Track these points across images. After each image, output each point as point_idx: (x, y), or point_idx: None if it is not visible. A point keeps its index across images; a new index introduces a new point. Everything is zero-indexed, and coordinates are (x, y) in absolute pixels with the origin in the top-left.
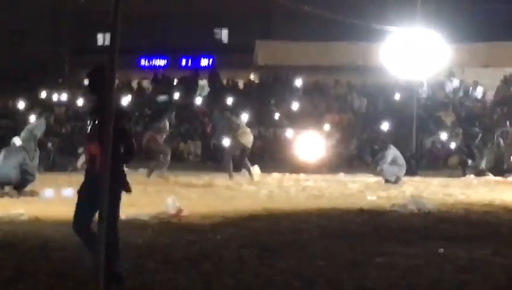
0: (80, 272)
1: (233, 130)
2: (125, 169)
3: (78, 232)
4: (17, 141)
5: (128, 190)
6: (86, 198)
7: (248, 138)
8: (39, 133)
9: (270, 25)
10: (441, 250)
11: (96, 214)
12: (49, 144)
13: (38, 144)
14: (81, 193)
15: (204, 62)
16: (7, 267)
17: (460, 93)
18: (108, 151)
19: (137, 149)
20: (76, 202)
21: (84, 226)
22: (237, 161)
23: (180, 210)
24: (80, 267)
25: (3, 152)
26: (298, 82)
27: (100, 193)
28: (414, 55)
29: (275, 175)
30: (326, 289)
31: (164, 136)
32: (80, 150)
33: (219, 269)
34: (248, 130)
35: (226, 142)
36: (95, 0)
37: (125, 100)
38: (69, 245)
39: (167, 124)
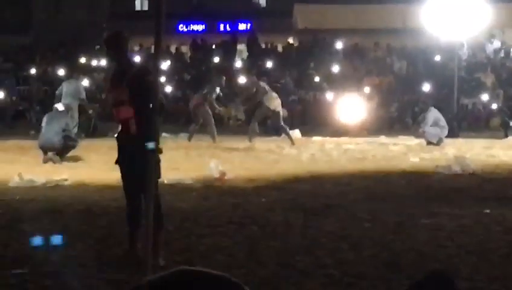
0: (125, 238)
1: (260, 95)
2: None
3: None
4: (59, 106)
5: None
6: (130, 166)
7: (275, 103)
8: (83, 94)
9: None
10: (488, 211)
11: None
12: (90, 111)
13: (79, 111)
14: (122, 163)
15: (242, 26)
16: (54, 232)
17: (501, 55)
18: (143, 110)
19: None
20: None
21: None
22: (275, 126)
23: (223, 173)
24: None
25: (46, 118)
26: (337, 45)
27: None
28: (454, 16)
29: (316, 138)
30: (373, 251)
31: (211, 101)
32: None
33: (265, 232)
34: (275, 95)
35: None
36: None
37: (165, 65)
38: (113, 209)
39: (216, 91)
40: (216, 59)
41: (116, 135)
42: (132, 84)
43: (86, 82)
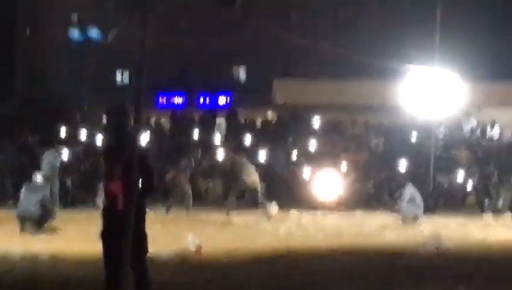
0: None
1: (237, 169)
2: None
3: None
4: (38, 177)
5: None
6: (113, 238)
7: (253, 178)
8: (58, 163)
9: (288, 63)
10: None
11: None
12: (68, 181)
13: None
14: (106, 234)
15: (222, 100)
16: None
17: (478, 133)
18: (134, 189)
19: (156, 186)
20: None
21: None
22: (252, 201)
23: (200, 247)
24: None
25: (24, 188)
26: (316, 121)
27: (126, 230)
28: (432, 95)
29: (293, 213)
30: None
31: (187, 174)
32: (100, 187)
33: None
34: (253, 168)
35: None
36: (117, 39)
37: (144, 138)
38: (90, 283)
39: (192, 162)
40: (195, 132)
41: (102, 208)
42: (130, 163)
43: (65, 153)
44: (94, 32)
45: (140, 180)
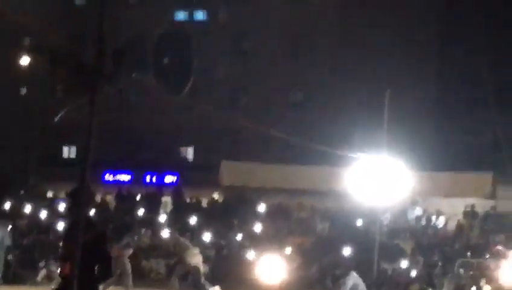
0: None
1: (181, 250)
2: None
3: None
4: None
5: None
6: None
7: (196, 258)
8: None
9: (236, 145)
10: None
11: None
12: (10, 256)
13: None
14: None
15: (168, 179)
16: None
17: (423, 222)
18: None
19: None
20: None
21: None
22: (195, 283)
23: None
24: None
25: None
26: (262, 204)
27: None
28: (378, 182)
29: None
30: None
31: (129, 253)
32: (41, 263)
33: None
34: (196, 250)
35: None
36: (64, 117)
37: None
38: None
39: (135, 241)
40: (140, 211)
41: None
42: (87, 247)
43: (9, 228)
44: None
45: (97, 265)
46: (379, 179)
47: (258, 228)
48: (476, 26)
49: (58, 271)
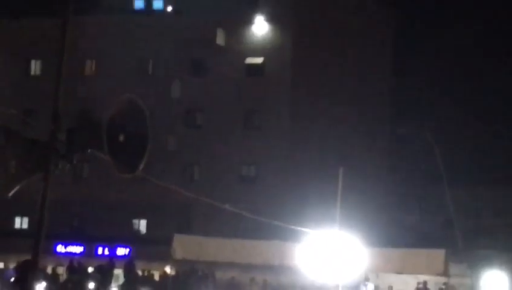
0: None
1: None
2: None
3: None
4: None
5: None
6: None
7: None
8: None
9: (188, 219)
10: None
11: None
12: None
13: None
14: None
15: (120, 251)
16: None
17: None
18: None
19: None
20: None
21: None
22: None
23: None
24: None
25: None
26: (214, 277)
27: None
28: (330, 258)
29: None
30: None
31: None
32: None
33: None
34: None
35: None
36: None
37: (40, 287)
38: None
39: None
40: (91, 284)
41: None
42: None
43: None
44: None
45: None
46: (331, 255)
47: None
48: (427, 103)
49: None
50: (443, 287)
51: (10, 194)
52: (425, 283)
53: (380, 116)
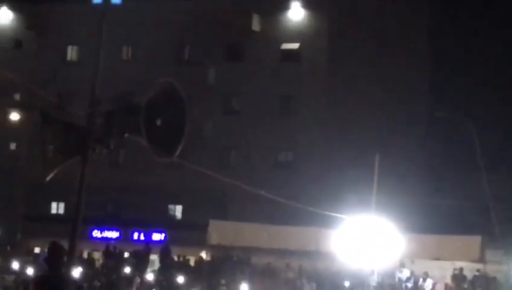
0: None
1: None
2: None
3: None
4: None
5: None
6: None
7: None
8: None
9: (224, 204)
10: None
11: None
12: None
13: None
14: None
15: (156, 237)
16: None
17: (410, 284)
18: None
19: None
20: None
21: None
22: None
23: None
24: None
25: None
26: (249, 263)
27: None
28: (366, 244)
29: None
30: None
31: None
32: None
33: None
34: None
35: None
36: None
37: (76, 272)
38: None
39: None
40: (127, 269)
41: None
42: None
43: None
44: None
45: None
46: (367, 241)
47: (245, 287)
48: (465, 89)
49: None
50: (477, 273)
51: (47, 179)
52: (461, 269)
53: (418, 102)
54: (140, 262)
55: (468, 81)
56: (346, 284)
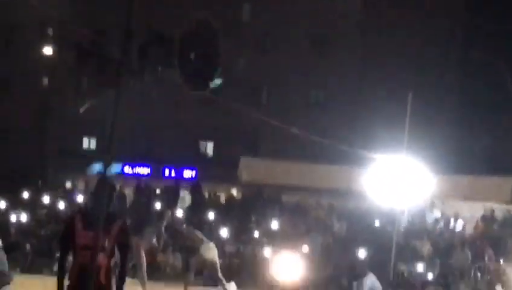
0: None
1: (197, 245)
2: None
3: None
4: None
5: None
6: None
7: (212, 253)
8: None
9: (255, 142)
10: None
11: None
12: (28, 245)
13: (15, 244)
14: None
15: (187, 173)
16: None
17: (441, 225)
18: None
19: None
20: None
21: None
22: (211, 278)
23: None
24: None
25: None
26: (280, 201)
27: None
28: (397, 183)
29: None
30: None
31: (146, 246)
32: (58, 253)
33: None
34: (212, 245)
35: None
36: (87, 109)
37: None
38: None
39: (153, 234)
40: (158, 205)
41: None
42: (120, 237)
43: (24, 217)
44: None
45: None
46: (398, 181)
47: (275, 225)
48: (500, 29)
49: (78, 260)
50: (508, 215)
51: (81, 111)
52: (492, 210)
53: (452, 41)
54: (171, 199)
55: (502, 23)
56: (377, 223)
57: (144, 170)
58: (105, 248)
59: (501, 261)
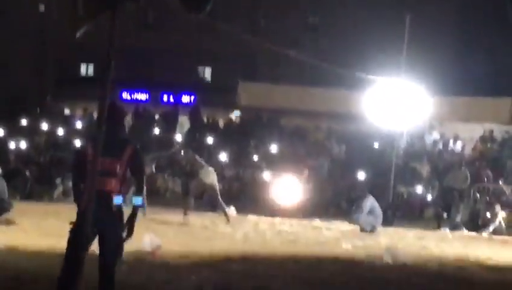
0: None
1: (196, 169)
2: None
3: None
4: None
5: None
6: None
7: (212, 178)
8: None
9: (253, 66)
10: None
11: None
12: (27, 172)
13: (15, 171)
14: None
15: (185, 99)
16: None
17: (440, 146)
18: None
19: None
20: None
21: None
22: (210, 202)
23: (157, 247)
24: None
25: None
26: (278, 125)
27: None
28: (395, 106)
29: (251, 217)
30: None
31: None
32: (58, 180)
33: None
34: (211, 169)
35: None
36: (82, 33)
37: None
38: (42, 278)
39: (153, 160)
40: (157, 130)
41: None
42: (132, 161)
43: (24, 144)
44: None
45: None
46: (397, 103)
47: (274, 149)
48: None
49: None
50: (506, 135)
51: (78, 35)
52: (491, 131)
53: None
54: (169, 124)
55: None
56: (376, 145)
57: (142, 96)
58: (117, 173)
59: (500, 181)
